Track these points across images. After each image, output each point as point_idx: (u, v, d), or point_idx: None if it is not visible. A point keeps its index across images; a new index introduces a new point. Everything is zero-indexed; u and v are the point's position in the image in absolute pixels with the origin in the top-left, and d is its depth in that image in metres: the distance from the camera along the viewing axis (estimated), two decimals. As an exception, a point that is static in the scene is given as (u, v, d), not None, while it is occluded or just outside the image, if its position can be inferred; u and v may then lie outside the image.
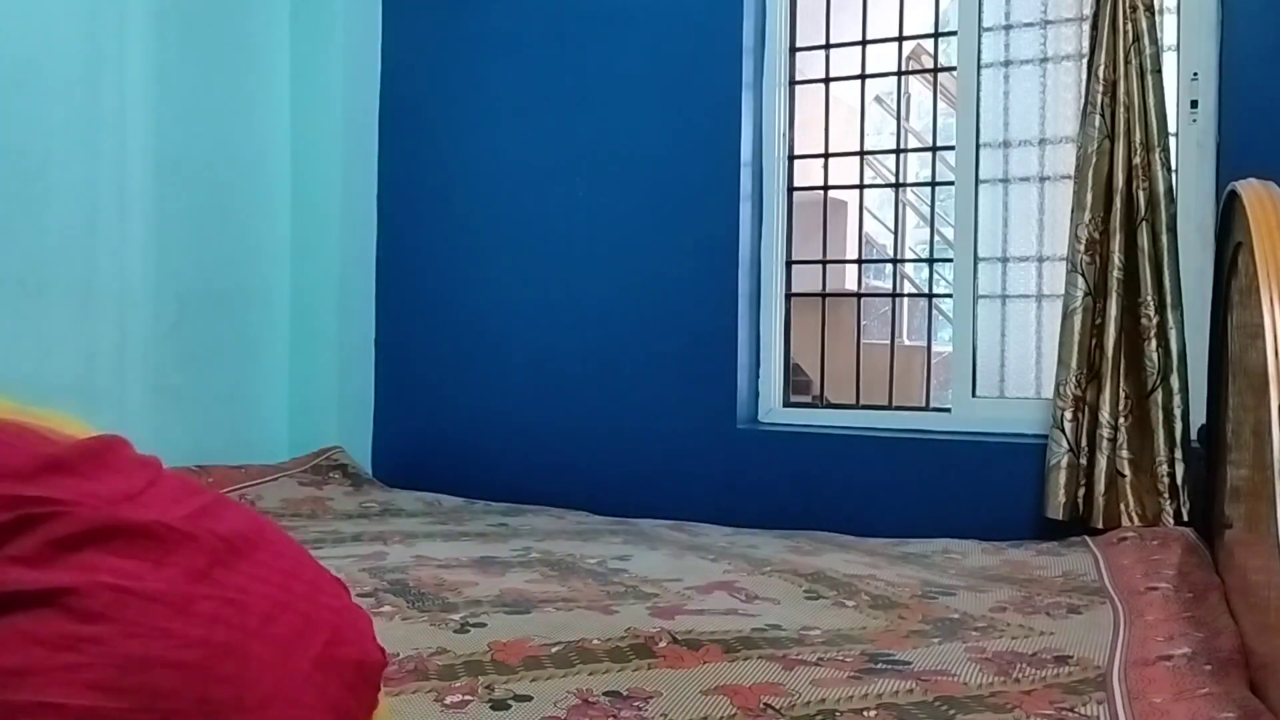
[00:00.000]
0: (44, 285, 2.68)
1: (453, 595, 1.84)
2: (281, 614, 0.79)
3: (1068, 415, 2.43)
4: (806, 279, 3.17)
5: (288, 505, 2.77)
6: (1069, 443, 2.43)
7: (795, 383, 3.22)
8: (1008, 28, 2.83)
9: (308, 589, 0.85)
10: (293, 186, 3.38)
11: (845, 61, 3.10)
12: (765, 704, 1.29)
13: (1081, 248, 2.45)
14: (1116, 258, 2.43)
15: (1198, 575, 1.86)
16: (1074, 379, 2.44)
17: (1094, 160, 2.44)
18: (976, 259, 2.82)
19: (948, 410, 2.86)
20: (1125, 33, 2.44)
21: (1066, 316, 2.47)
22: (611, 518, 2.75)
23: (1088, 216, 2.45)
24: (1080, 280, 2.45)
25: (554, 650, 1.50)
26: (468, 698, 1.31)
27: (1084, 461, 2.43)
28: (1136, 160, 2.42)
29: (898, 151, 3.32)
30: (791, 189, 3.10)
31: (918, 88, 4.67)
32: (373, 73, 3.43)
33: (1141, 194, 2.42)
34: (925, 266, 3.37)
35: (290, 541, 0.92)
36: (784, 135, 3.07)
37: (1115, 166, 2.44)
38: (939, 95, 3.81)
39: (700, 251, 2.98)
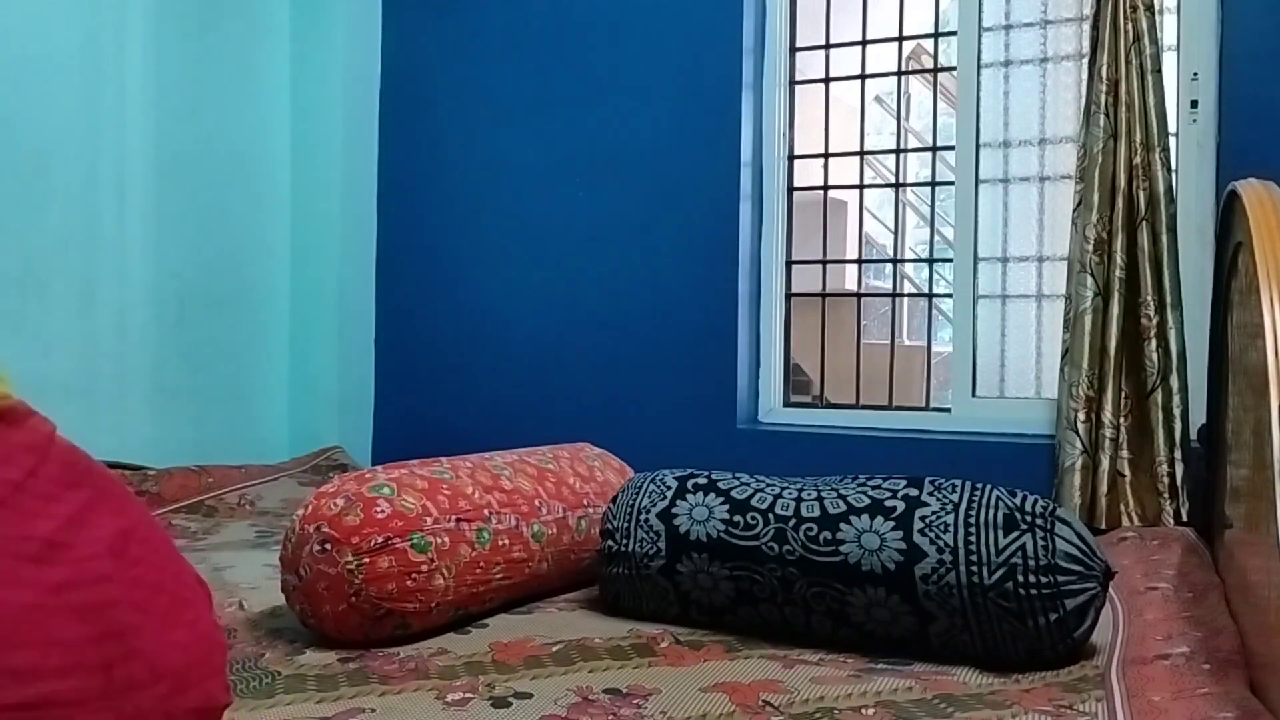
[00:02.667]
0: (44, 284, 2.68)
1: (453, 594, 1.84)
2: (126, 661, 0.78)
3: (1080, 416, 2.43)
4: (806, 279, 3.17)
5: (288, 505, 2.77)
6: (1084, 444, 2.42)
7: (795, 383, 3.22)
8: (1008, 28, 2.83)
9: (163, 614, 0.84)
10: (293, 186, 3.38)
11: (845, 61, 3.10)
12: (764, 701, 1.29)
13: (1090, 248, 2.45)
14: (1118, 257, 2.43)
15: (1198, 575, 1.86)
16: (1085, 379, 2.43)
17: (1099, 160, 2.44)
18: (976, 259, 2.83)
19: (948, 410, 2.87)
20: (1125, 33, 2.44)
21: (1077, 317, 2.46)
22: (611, 517, 2.75)
23: (1095, 216, 2.45)
24: (1090, 280, 2.44)
25: (555, 649, 1.51)
26: (469, 695, 1.31)
27: (1093, 462, 2.43)
28: (1137, 160, 2.43)
29: (898, 151, 3.32)
30: (791, 189, 3.10)
31: (918, 88, 4.67)
32: (373, 73, 3.44)
33: (1141, 194, 2.42)
34: (925, 266, 3.37)
35: (161, 546, 0.91)
36: (784, 135, 3.07)
37: (1117, 166, 2.44)
38: (939, 95, 3.81)
39: (700, 251, 2.98)
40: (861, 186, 3.21)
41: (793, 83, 3.10)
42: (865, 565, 1.50)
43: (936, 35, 3.09)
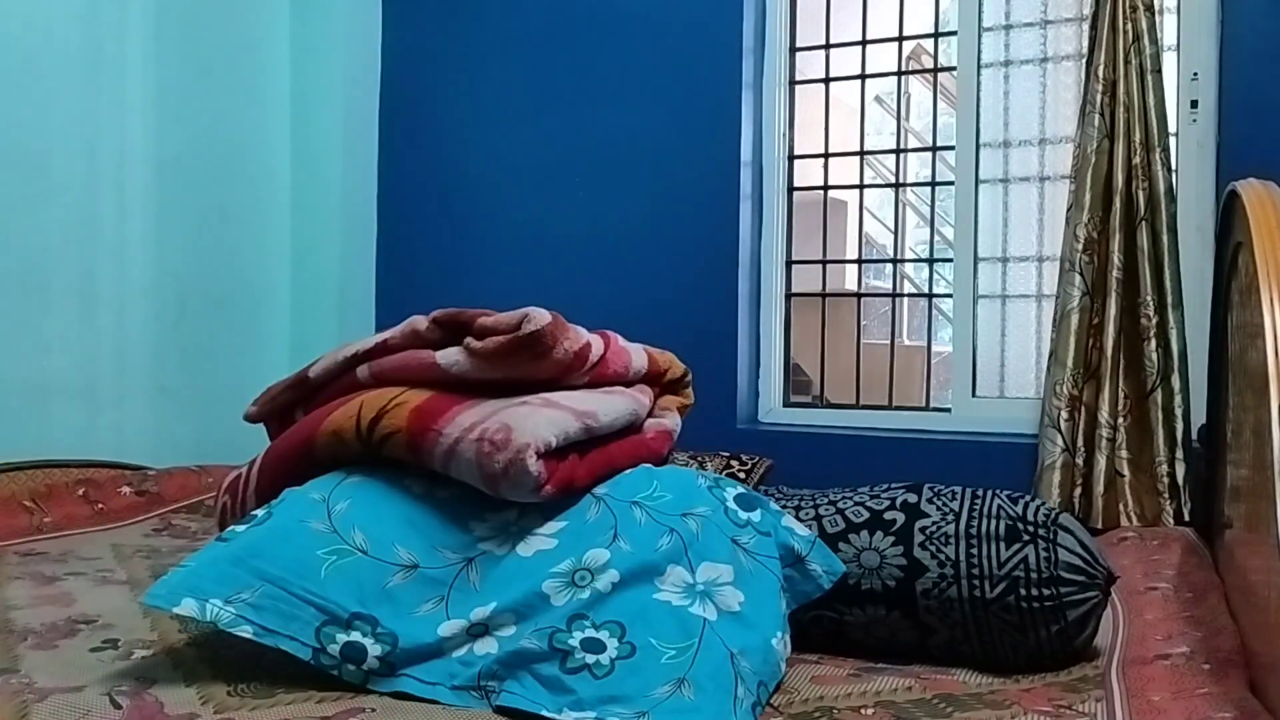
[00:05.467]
0: (44, 284, 2.68)
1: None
2: None
3: (1064, 415, 2.43)
4: (806, 279, 3.17)
5: (288, 505, 2.76)
6: (1065, 442, 2.42)
7: (795, 383, 3.22)
8: (1008, 28, 2.83)
9: None
10: (293, 186, 3.38)
11: (845, 61, 3.10)
12: (764, 701, 1.29)
13: (1080, 247, 2.45)
14: (1116, 257, 2.43)
15: (1198, 575, 1.86)
16: (1070, 378, 2.44)
17: (1093, 160, 2.45)
18: (976, 259, 2.83)
19: (948, 410, 2.87)
20: (1125, 32, 2.44)
21: (1064, 316, 2.47)
22: (611, 517, 2.74)
23: (1086, 216, 2.45)
24: (1078, 279, 2.45)
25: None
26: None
27: (1080, 461, 2.43)
28: (1136, 160, 2.43)
29: (898, 151, 3.32)
30: (791, 189, 3.10)
31: (918, 88, 4.67)
32: (373, 73, 3.44)
33: (1141, 194, 2.42)
34: (925, 266, 3.37)
35: None
36: (784, 135, 3.07)
37: (1115, 166, 2.44)
38: (939, 95, 3.81)
39: (700, 251, 2.98)
40: (861, 186, 3.21)
41: (793, 83, 3.10)
42: (865, 585, 1.47)
43: (936, 35, 3.09)
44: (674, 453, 1.85)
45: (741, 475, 1.98)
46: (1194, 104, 2.54)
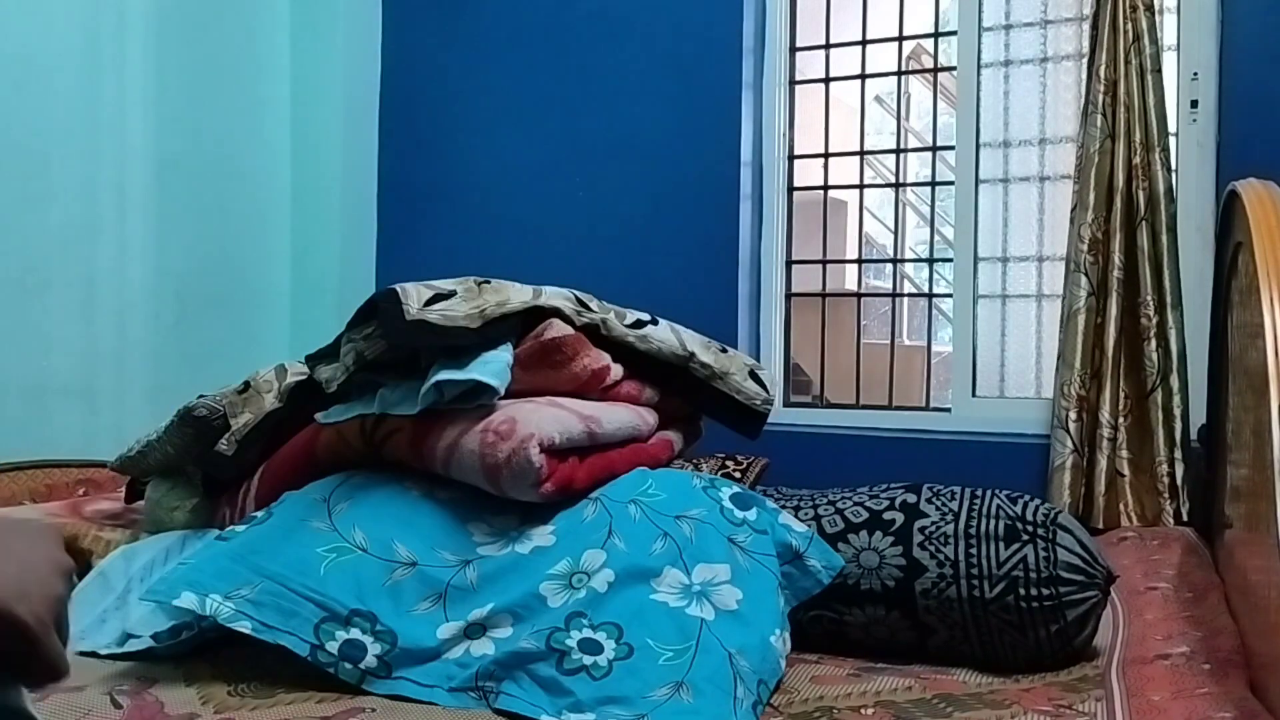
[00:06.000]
0: (44, 284, 2.68)
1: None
2: None
3: (1072, 415, 2.43)
4: (806, 279, 3.17)
5: (288, 505, 2.76)
6: (1074, 443, 2.42)
7: (795, 383, 3.22)
8: (1008, 28, 2.83)
9: None
10: (293, 186, 3.38)
11: (845, 61, 3.10)
12: (765, 700, 1.29)
13: (1085, 247, 2.45)
14: (1116, 257, 2.44)
15: (1198, 575, 1.86)
16: (1078, 379, 2.44)
17: (1096, 160, 2.45)
18: (976, 259, 2.83)
19: (948, 410, 2.86)
20: (1125, 32, 2.44)
21: (1070, 316, 2.46)
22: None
23: (1090, 216, 2.45)
24: (1084, 280, 2.45)
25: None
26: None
27: (1085, 462, 2.43)
28: (1136, 160, 2.43)
29: (898, 151, 3.32)
30: (791, 189, 3.10)
31: (918, 88, 4.67)
32: (373, 73, 3.44)
33: (1141, 194, 2.42)
34: (925, 266, 3.37)
35: None
36: (784, 135, 3.07)
37: (1116, 166, 2.44)
38: (939, 95, 3.81)
39: (700, 251, 2.98)
40: (861, 186, 3.21)
41: (793, 83, 3.10)
42: (864, 585, 1.47)
43: (936, 35, 3.09)
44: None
45: (737, 475, 1.98)
46: (1194, 104, 2.54)
